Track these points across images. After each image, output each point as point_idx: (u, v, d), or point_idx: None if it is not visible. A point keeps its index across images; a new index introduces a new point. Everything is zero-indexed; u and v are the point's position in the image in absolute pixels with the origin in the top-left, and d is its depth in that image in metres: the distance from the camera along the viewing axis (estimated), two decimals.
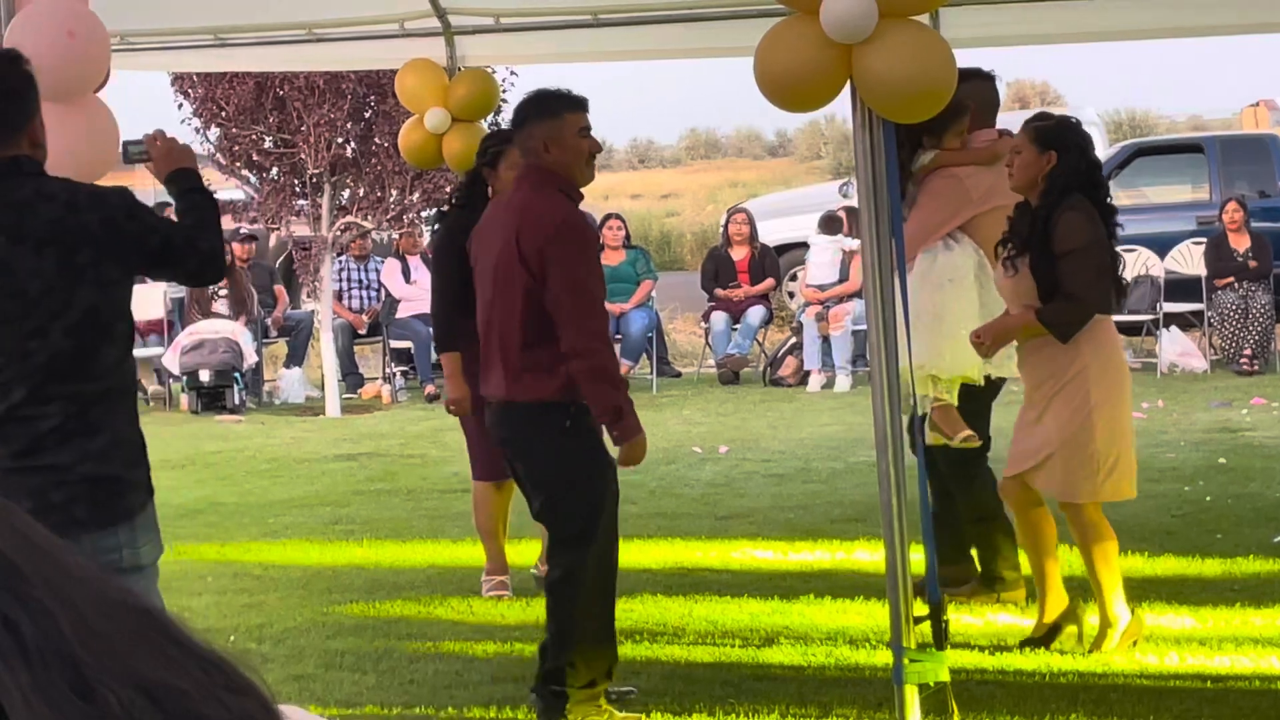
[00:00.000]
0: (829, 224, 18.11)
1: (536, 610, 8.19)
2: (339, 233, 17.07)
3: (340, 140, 16.55)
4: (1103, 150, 22.07)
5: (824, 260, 17.92)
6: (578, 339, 6.21)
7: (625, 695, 6.71)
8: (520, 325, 6.34)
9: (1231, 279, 17.32)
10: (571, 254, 6.31)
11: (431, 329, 8.61)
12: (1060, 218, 7.00)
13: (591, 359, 6.23)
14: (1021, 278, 7.05)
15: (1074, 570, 7.77)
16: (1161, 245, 18.08)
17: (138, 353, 18.67)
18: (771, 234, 20.14)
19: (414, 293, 17.74)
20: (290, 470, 13.19)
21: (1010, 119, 27.62)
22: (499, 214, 6.60)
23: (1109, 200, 7.33)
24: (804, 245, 18.98)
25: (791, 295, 19.69)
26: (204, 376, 16.73)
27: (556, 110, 6.50)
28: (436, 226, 8.87)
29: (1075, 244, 7.00)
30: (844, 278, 17.52)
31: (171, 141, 5.52)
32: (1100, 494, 7.14)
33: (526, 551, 8.94)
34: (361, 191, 16.95)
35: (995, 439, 8.08)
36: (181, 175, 5.41)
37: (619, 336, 17.53)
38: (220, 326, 16.97)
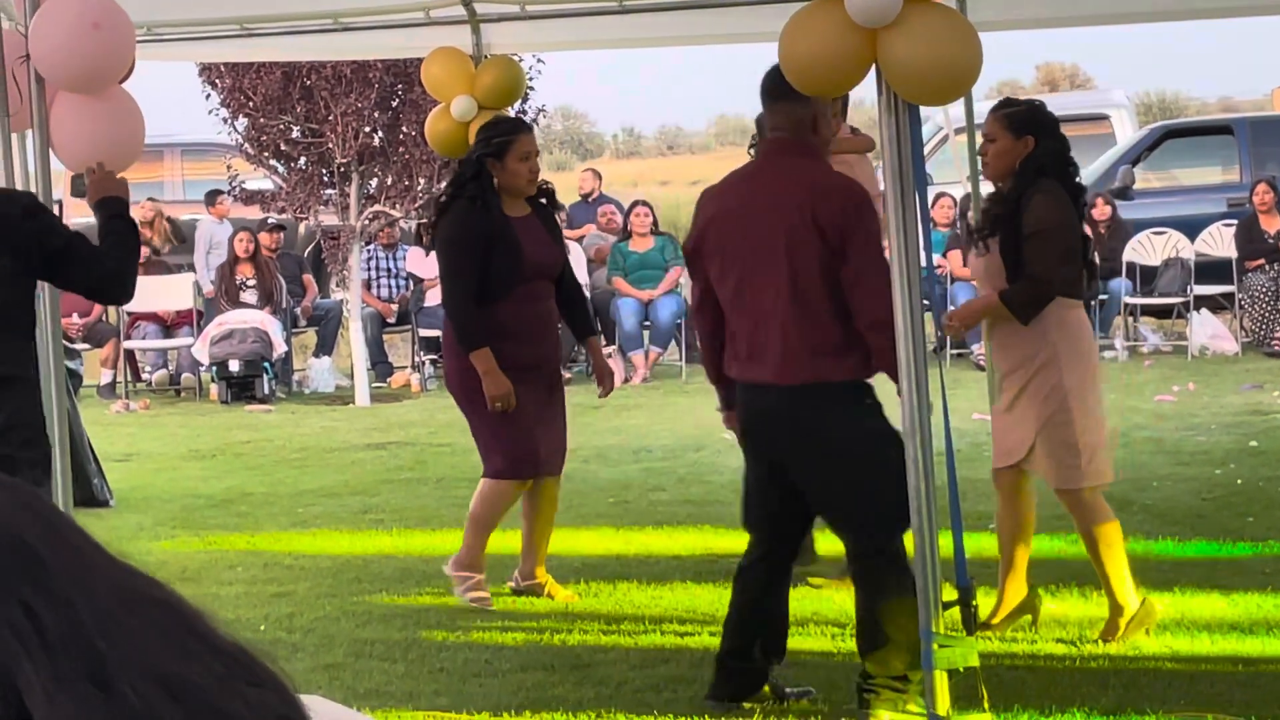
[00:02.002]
0: None
1: (565, 600, 8.19)
2: (367, 222, 17.08)
3: (368, 129, 16.56)
4: (1132, 132, 21.99)
5: None
6: (884, 310, 5.92)
7: (804, 695, 6.51)
8: (816, 302, 6.04)
9: (1262, 261, 17.25)
10: (873, 226, 6.12)
11: (454, 327, 8.08)
12: (1031, 199, 6.95)
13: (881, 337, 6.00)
14: (992, 257, 7.04)
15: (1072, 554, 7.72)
16: (1192, 227, 18.01)
17: (169, 343, 18.68)
18: None
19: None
20: (319, 459, 13.21)
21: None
22: (766, 188, 6.20)
23: (1079, 181, 7.27)
24: None
25: None
26: (233, 366, 16.76)
27: None
28: (432, 220, 8.30)
29: (1042, 225, 6.94)
30: None
31: (106, 173, 5.79)
32: (1087, 479, 7.07)
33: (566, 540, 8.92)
34: (389, 180, 16.95)
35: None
36: (109, 203, 5.74)
37: (648, 324, 17.54)
38: (249, 316, 17.00)
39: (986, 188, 7.61)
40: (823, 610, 7.79)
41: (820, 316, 6.03)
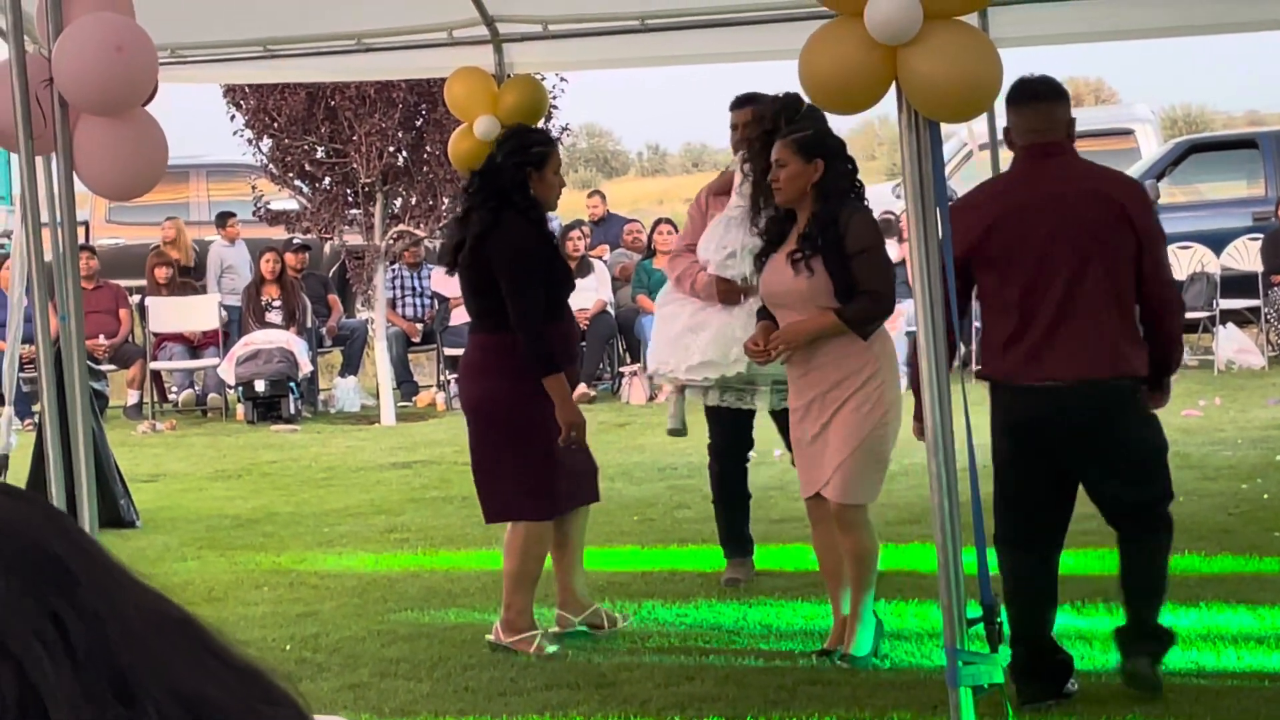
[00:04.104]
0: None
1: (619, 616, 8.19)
2: (392, 241, 17.12)
3: (392, 149, 16.61)
4: (1157, 147, 21.95)
5: None
6: (1174, 298, 6.32)
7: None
8: (1126, 296, 6.29)
9: None
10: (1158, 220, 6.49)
11: (534, 349, 7.40)
12: (852, 219, 7.06)
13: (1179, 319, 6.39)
14: (817, 279, 7.02)
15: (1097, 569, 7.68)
16: (1217, 242, 17.98)
17: (195, 363, 18.80)
18: None
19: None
20: (345, 479, 13.23)
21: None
22: (1064, 188, 6.35)
23: (866, 202, 7.35)
24: None
25: None
26: (259, 386, 16.80)
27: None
28: (476, 233, 7.60)
29: (868, 244, 7.10)
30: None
31: None
32: (877, 494, 7.29)
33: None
34: (414, 200, 17.00)
35: None
36: None
37: None
38: (275, 336, 17.04)
39: None
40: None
41: (1129, 311, 6.31)
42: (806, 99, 8.14)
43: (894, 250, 17.96)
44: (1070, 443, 6.37)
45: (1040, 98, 6.46)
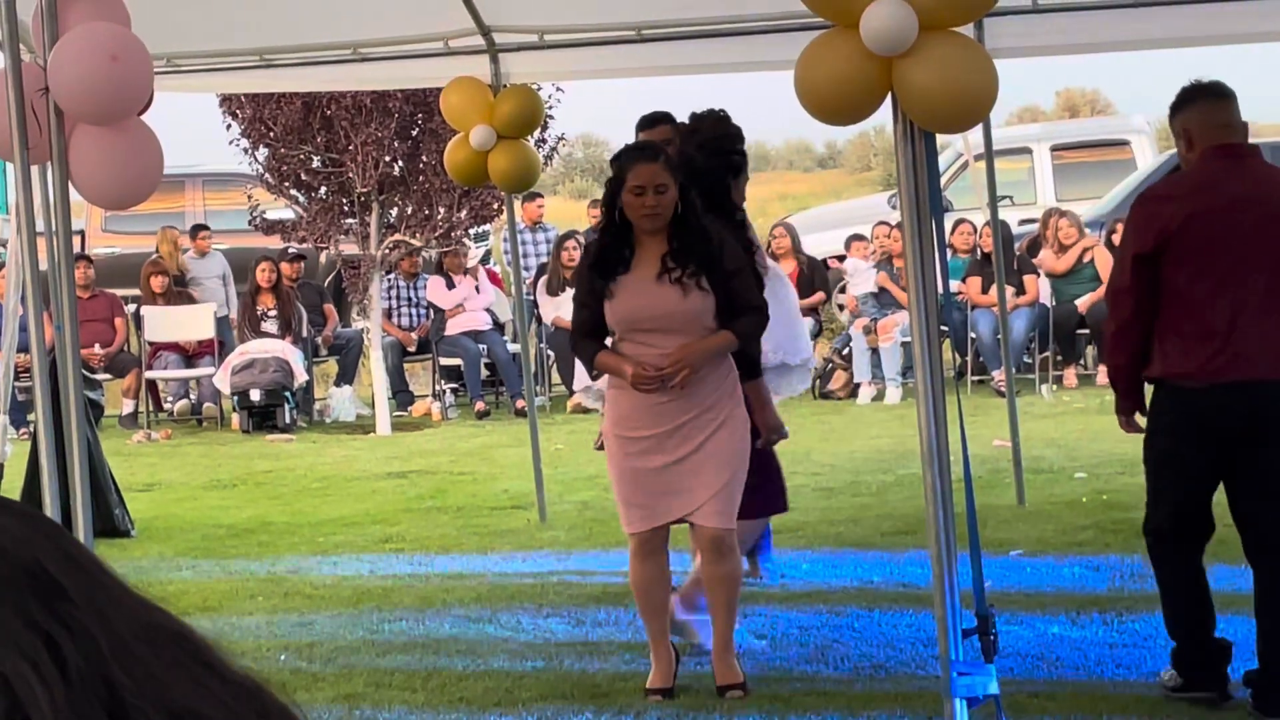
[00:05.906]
0: (851, 242, 18.65)
1: (587, 627, 8.19)
2: (387, 251, 17.12)
3: (388, 159, 16.59)
4: (1153, 158, 21.95)
5: (862, 273, 18.08)
6: None
7: None
8: None
9: None
10: None
11: (749, 356, 7.11)
12: (723, 235, 6.87)
13: None
14: (708, 298, 6.72)
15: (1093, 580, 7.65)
16: None
17: (191, 372, 18.73)
18: (821, 246, 20.14)
19: (464, 305, 17.84)
20: (341, 488, 13.22)
21: (1063, 128, 27.40)
22: (1261, 187, 6.31)
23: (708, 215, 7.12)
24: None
25: (841, 308, 19.68)
26: (255, 396, 16.79)
27: None
28: (713, 241, 6.97)
29: (743, 259, 6.92)
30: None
31: None
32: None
33: None
34: (409, 209, 16.99)
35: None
36: None
37: None
38: (270, 346, 17.03)
39: (1006, 215, 7.61)
40: (842, 638, 7.77)
41: None
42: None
43: (867, 263, 18.08)
44: (1246, 442, 6.28)
45: (1230, 96, 6.37)
